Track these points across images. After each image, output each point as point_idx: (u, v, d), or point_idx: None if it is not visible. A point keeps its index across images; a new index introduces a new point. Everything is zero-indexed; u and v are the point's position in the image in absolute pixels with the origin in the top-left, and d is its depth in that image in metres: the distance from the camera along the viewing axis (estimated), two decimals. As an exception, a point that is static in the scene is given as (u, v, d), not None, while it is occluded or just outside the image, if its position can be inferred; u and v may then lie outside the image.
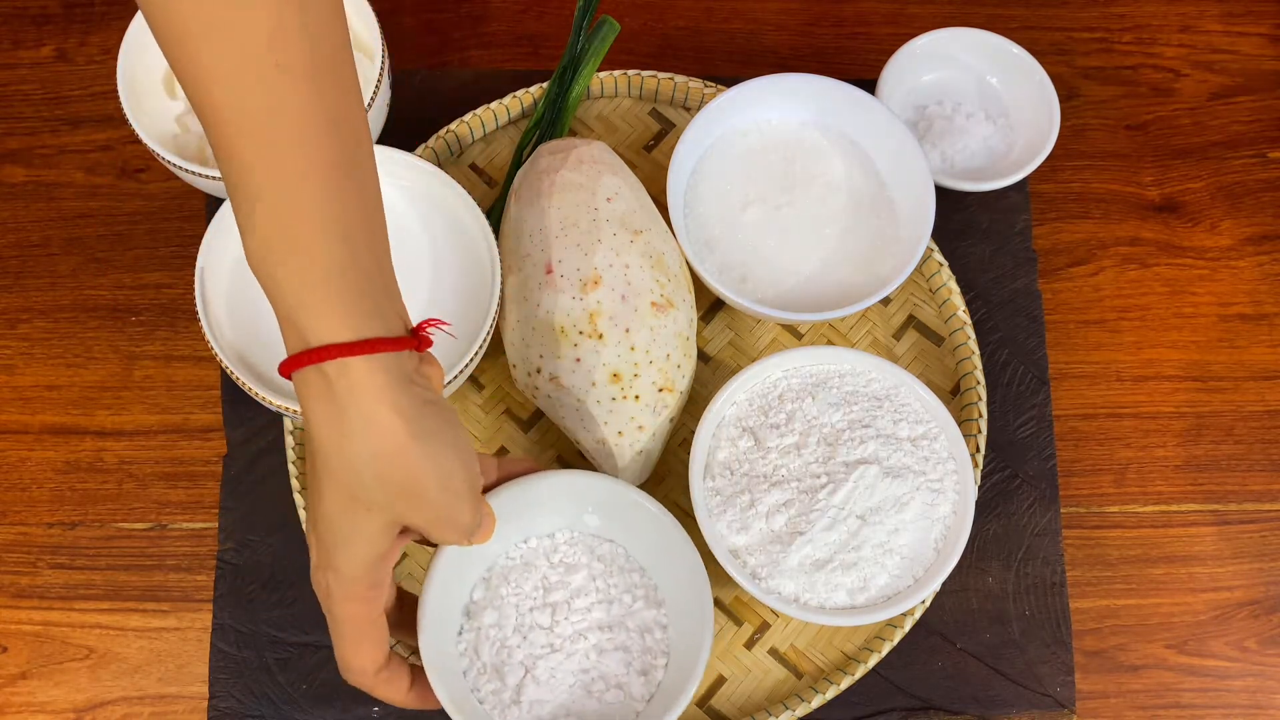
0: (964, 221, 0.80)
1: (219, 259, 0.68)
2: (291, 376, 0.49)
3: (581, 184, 0.69)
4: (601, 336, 0.66)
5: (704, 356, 0.76)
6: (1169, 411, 0.78)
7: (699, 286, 0.75)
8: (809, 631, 0.71)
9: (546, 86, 0.78)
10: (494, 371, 0.75)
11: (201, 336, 0.76)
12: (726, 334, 0.76)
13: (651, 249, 0.68)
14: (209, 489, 0.74)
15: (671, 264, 0.69)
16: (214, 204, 0.78)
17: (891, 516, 0.66)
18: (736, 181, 0.74)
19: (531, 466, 0.62)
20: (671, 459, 0.73)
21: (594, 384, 0.67)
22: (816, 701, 0.69)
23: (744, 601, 0.71)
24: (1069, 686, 0.72)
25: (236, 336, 0.68)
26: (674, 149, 0.72)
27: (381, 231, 0.51)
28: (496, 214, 0.75)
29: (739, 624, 0.71)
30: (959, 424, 0.72)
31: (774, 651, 0.71)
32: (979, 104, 0.81)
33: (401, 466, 0.49)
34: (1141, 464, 0.77)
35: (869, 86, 0.79)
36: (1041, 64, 0.79)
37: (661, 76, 0.79)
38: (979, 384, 0.74)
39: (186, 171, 0.70)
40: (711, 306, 0.77)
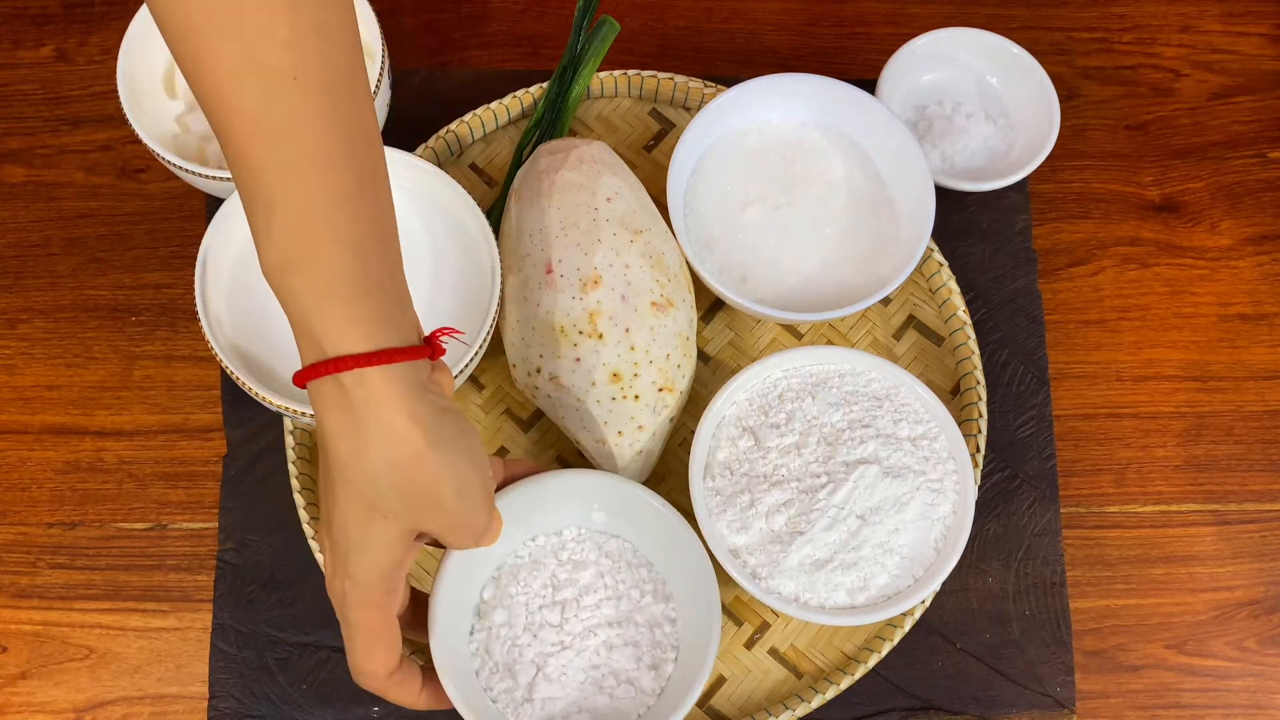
0: (964, 221, 0.80)
1: (219, 258, 0.68)
2: (306, 386, 0.49)
3: (581, 184, 0.69)
4: (601, 336, 0.66)
5: (704, 356, 0.76)
6: (1169, 411, 0.78)
7: (699, 286, 0.75)
8: (809, 631, 0.71)
9: (546, 86, 0.78)
10: (494, 371, 0.75)
11: (201, 336, 0.76)
12: (726, 334, 0.76)
13: (651, 249, 0.68)
14: (209, 489, 0.74)
15: (671, 264, 0.69)
16: (214, 204, 0.78)
17: (891, 516, 0.66)
18: (736, 181, 0.74)
19: (534, 468, 0.62)
20: (671, 459, 0.73)
21: (594, 384, 0.67)
22: (816, 701, 0.69)
23: (744, 601, 0.71)
24: (1069, 686, 0.72)
25: (236, 336, 0.68)
26: (674, 149, 0.72)
27: (394, 241, 0.51)
28: (496, 214, 0.75)
29: (739, 624, 0.71)
30: (959, 424, 0.72)
31: (774, 651, 0.71)
32: (979, 104, 0.81)
33: (419, 475, 0.49)
34: (1141, 464, 0.77)
35: (869, 86, 0.79)
36: (1041, 64, 0.79)
37: (661, 76, 0.79)
38: (979, 384, 0.74)
39: (186, 171, 0.70)
40: (711, 306, 0.77)
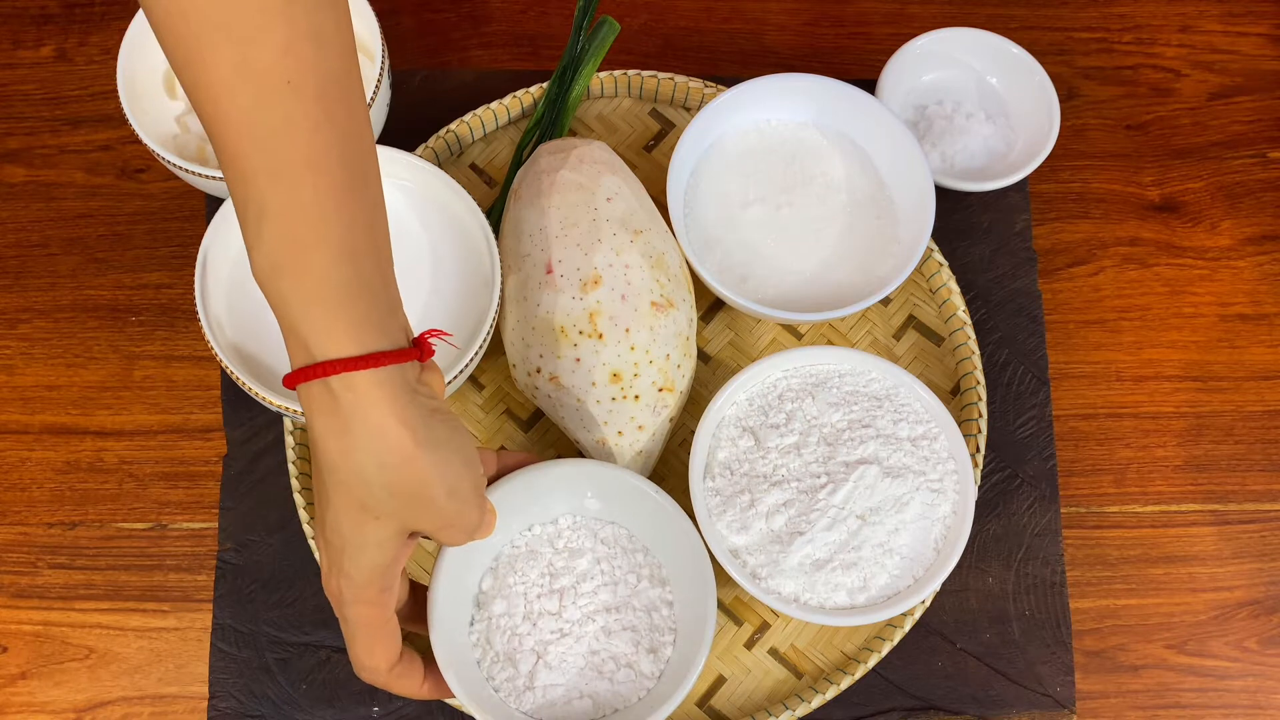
0: (964, 221, 0.80)
1: (219, 259, 0.68)
2: (296, 389, 0.49)
3: (581, 184, 0.69)
4: (601, 336, 0.66)
5: (704, 356, 0.76)
6: (1169, 411, 0.78)
7: (699, 286, 0.75)
8: (809, 631, 0.71)
9: (546, 86, 0.78)
10: (494, 371, 0.75)
11: (201, 336, 0.76)
12: (726, 334, 0.76)
13: (651, 249, 0.68)
14: (209, 489, 0.74)
15: (671, 264, 0.69)
16: (214, 204, 0.78)
17: (891, 516, 0.66)
18: (736, 181, 0.74)
19: (528, 458, 0.63)
20: (671, 459, 0.73)
21: (594, 384, 0.67)
22: (816, 701, 0.69)
23: (744, 601, 0.71)
24: (1069, 686, 0.72)
25: (236, 336, 0.68)
26: (674, 149, 0.72)
27: (386, 245, 0.51)
28: (496, 214, 0.75)
29: (739, 624, 0.71)
30: (959, 424, 0.72)
31: (774, 651, 0.71)
32: (979, 104, 0.81)
33: (409, 476, 0.50)
34: (1141, 464, 0.77)
35: (869, 86, 0.79)
36: (1041, 64, 0.79)
37: (661, 76, 0.79)
38: (979, 384, 0.74)
39: (186, 171, 0.70)
40: (711, 306, 0.77)
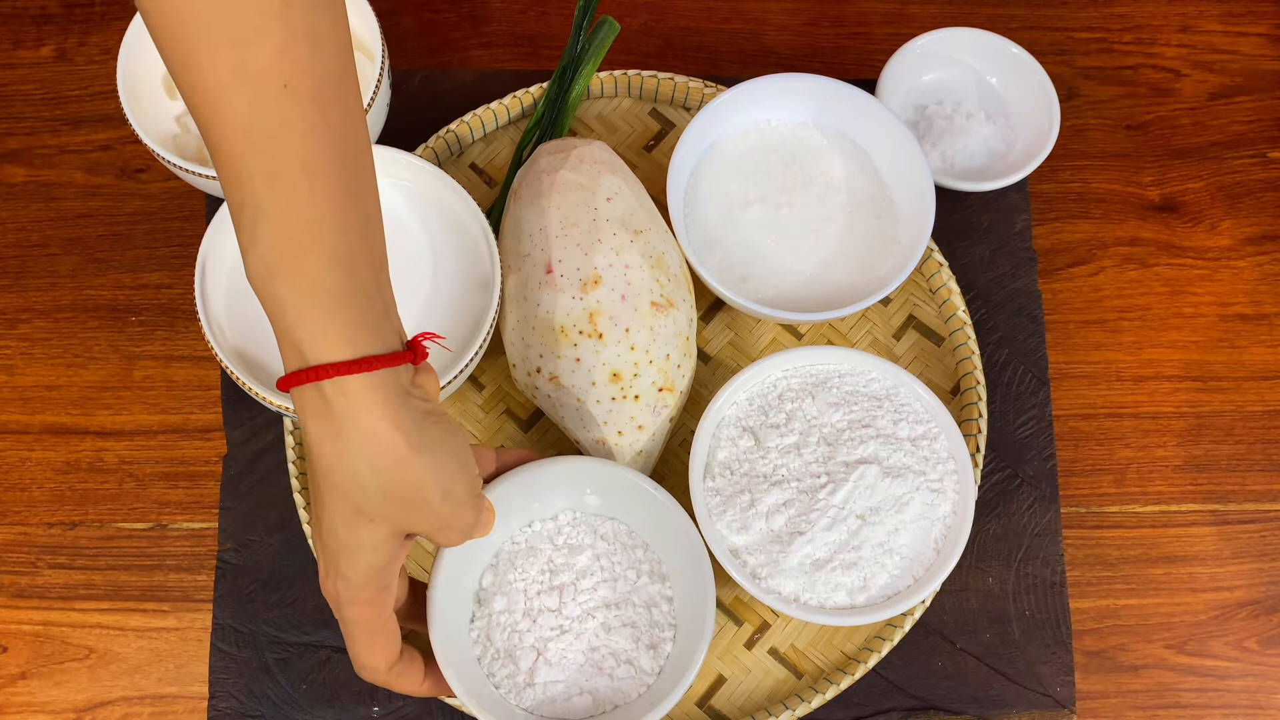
0: (964, 221, 0.80)
1: (219, 259, 0.68)
2: (290, 392, 0.49)
3: (581, 184, 0.69)
4: (601, 336, 0.66)
5: (704, 356, 0.76)
6: (1169, 411, 0.78)
7: (699, 286, 0.75)
8: (809, 631, 0.71)
9: (546, 86, 0.78)
10: (494, 371, 0.75)
11: (201, 336, 0.76)
12: (726, 334, 0.76)
13: (651, 249, 0.68)
14: (209, 489, 0.74)
15: (671, 264, 0.69)
16: (214, 204, 0.78)
17: (891, 516, 0.66)
18: (736, 181, 0.74)
19: (527, 455, 0.63)
20: (671, 459, 0.73)
21: (594, 384, 0.67)
22: (816, 701, 0.69)
23: (744, 601, 0.71)
24: (1069, 686, 0.72)
25: (236, 336, 0.68)
26: (674, 149, 0.72)
27: (381, 249, 0.51)
28: (496, 214, 0.75)
29: (739, 624, 0.71)
30: (959, 424, 0.72)
31: (774, 651, 0.71)
32: (979, 104, 0.81)
33: (403, 479, 0.50)
34: (1141, 464, 0.77)
35: (869, 86, 0.79)
36: (1041, 64, 0.79)
37: (661, 76, 0.79)
38: (979, 384, 0.74)
39: (186, 171, 0.70)
40: (711, 306, 0.77)
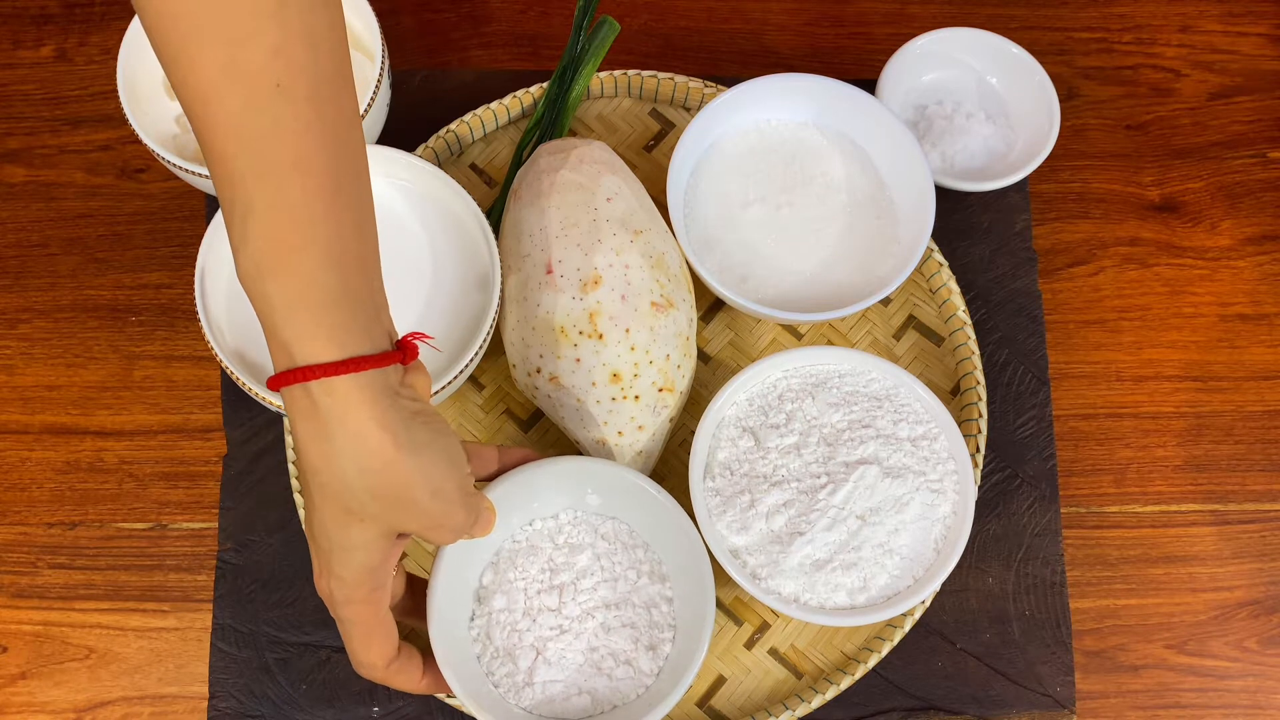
0: (964, 221, 0.80)
1: (219, 259, 0.68)
2: (279, 392, 0.49)
3: (581, 184, 0.69)
4: (601, 336, 0.66)
5: (704, 356, 0.76)
6: (1169, 411, 0.78)
7: (699, 286, 0.75)
8: (809, 631, 0.71)
9: (546, 86, 0.78)
10: (494, 371, 0.75)
11: (201, 336, 0.76)
12: (726, 334, 0.76)
13: (651, 249, 0.68)
14: (209, 489, 0.74)
15: (671, 264, 0.69)
16: (214, 204, 0.78)
17: (891, 516, 0.66)
18: (736, 181, 0.74)
19: (529, 455, 0.63)
20: (671, 459, 0.73)
21: (594, 384, 0.66)
22: (816, 701, 0.69)
23: (744, 601, 0.71)
24: (1069, 686, 0.72)
25: (236, 336, 0.68)
26: (674, 149, 0.72)
27: (374, 250, 0.51)
28: (496, 214, 0.75)
29: (739, 624, 0.71)
30: (959, 424, 0.72)
31: (774, 651, 0.71)
32: (979, 104, 0.81)
33: (391, 479, 0.50)
34: (1141, 464, 0.77)
35: (869, 86, 0.79)
36: (1041, 64, 0.79)
37: (661, 76, 0.79)
38: (979, 384, 0.74)
39: (186, 171, 0.70)
40: (711, 306, 0.77)
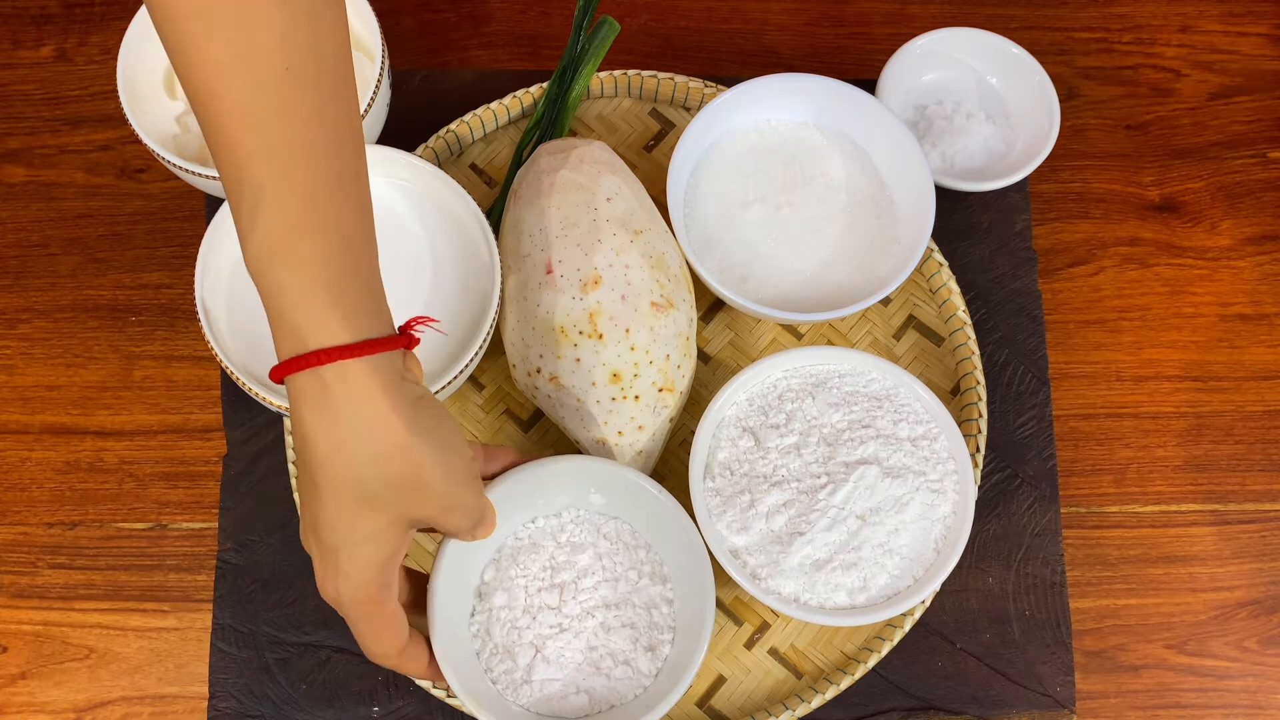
0: (964, 221, 0.80)
1: (219, 259, 0.68)
2: (285, 381, 0.49)
3: (581, 184, 0.69)
4: (601, 336, 0.66)
5: (704, 356, 0.76)
6: (1169, 411, 0.78)
7: (699, 286, 0.75)
8: (809, 631, 0.71)
9: (546, 86, 0.78)
10: (494, 371, 0.75)
11: (201, 336, 0.76)
12: (726, 334, 0.76)
13: (651, 249, 0.68)
14: (209, 489, 0.74)
15: (671, 264, 0.69)
16: (214, 204, 0.78)
17: (891, 517, 0.66)
18: (736, 181, 0.74)
19: (516, 458, 0.62)
20: (671, 459, 0.73)
21: (594, 384, 0.66)
22: (816, 701, 0.69)
23: (744, 601, 0.71)
24: (1069, 686, 0.72)
25: (236, 336, 0.68)
26: (674, 149, 0.72)
27: (373, 234, 0.51)
28: (496, 214, 0.75)
29: (739, 624, 0.71)
30: (959, 424, 0.72)
31: (774, 651, 0.71)
32: (979, 104, 0.81)
33: (404, 463, 0.50)
34: (1141, 464, 0.77)
35: (869, 86, 0.79)
36: (1041, 64, 0.79)
37: (661, 76, 0.79)
38: (979, 384, 0.74)
39: (186, 171, 0.70)
40: (711, 306, 0.77)
